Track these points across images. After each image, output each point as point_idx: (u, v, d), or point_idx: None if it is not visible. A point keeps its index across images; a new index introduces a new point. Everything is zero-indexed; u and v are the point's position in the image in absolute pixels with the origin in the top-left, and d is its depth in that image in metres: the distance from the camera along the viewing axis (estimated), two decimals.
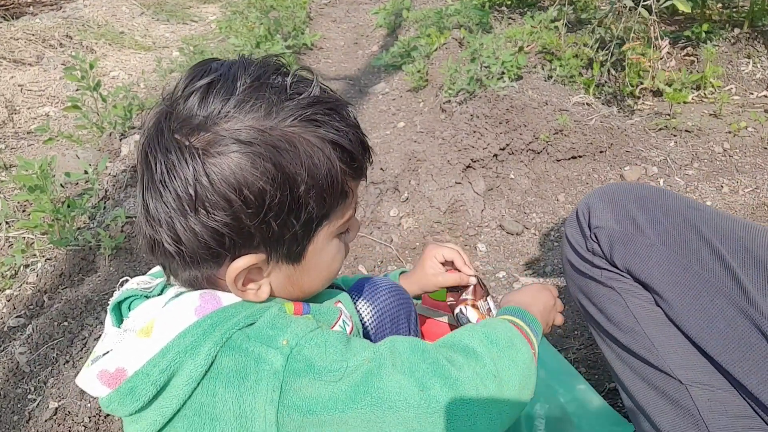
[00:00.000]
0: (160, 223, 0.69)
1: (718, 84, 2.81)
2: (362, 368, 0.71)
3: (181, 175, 0.67)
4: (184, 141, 0.67)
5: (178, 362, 0.68)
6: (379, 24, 4.74)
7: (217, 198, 0.67)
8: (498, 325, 0.87)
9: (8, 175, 2.60)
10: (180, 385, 0.68)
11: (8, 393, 1.43)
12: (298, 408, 0.68)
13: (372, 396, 0.69)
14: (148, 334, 0.70)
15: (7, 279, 1.94)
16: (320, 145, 0.71)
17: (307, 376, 0.69)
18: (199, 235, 0.69)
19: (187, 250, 0.70)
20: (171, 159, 0.67)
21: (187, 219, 0.68)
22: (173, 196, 0.68)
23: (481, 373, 0.75)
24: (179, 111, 0.69)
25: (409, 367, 0.72)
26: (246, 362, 0.69)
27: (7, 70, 3.83)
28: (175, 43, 4.75)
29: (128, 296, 0.81)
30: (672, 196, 1.07)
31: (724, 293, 0.93)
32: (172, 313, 0.72)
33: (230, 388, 0.68)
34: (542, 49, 3.07)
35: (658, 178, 2.31)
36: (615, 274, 1.07)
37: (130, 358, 0.69)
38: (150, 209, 0.70)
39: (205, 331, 0.69)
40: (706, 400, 0.94)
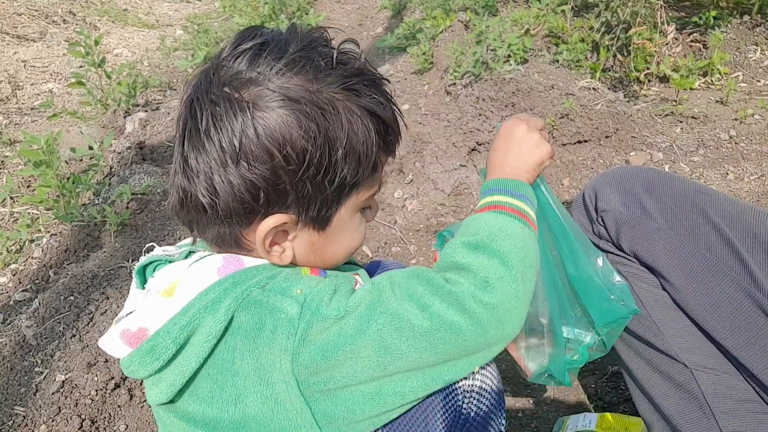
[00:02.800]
0: (197, 174, 0.71)
1: (726, 71, 2.79)
2: (365, 300, 0.74)
3: (227, 126, 0.69)
4: (233, 93, 0.69)
5: (198, 319, 0.70)
6: (383, 5, 4.70)
7: (260, 151, 0.69)
8: (475, 222, 0.83)
9: (12, 150, 2.60)
10: (199, 342, 0.70)
11: (15, 365, 1.44)
12: (313, 353, 0.70)
13: (377, 322, 0.71)
14: (171, 293, 0.72)
15: (12, 254, 1.94)
16: (360, 113, 0.74)
17: (318, 318, 0.71)
18: (236, 187, 0.70)
19: (221, 203, 0.71)
20: (218, 110, 0.69)
21: (226, 171, 0.69)
22: (217, 147, 0.69)
23: (475, 282, 0.74)
24: (228, 68, 0.71)
25: (407, 292, 0.74)
26: (262, 314, 0.71)
27: (10, 45, 3.81)
28: (179, 22, 4.72)
29: (153, 260, 0.83)
30: (680, 180, 1.07)
31: (731, 277, 0.94)
32: (196, 274, 0.74)
33: (248, 341, 0.71)
34: (548, 32, 3.05)
35: (664, 164, 2.31)
36: (621, 258, 1.07)
37: (153, 317, 0.71)
38: (189, 160, 0.71)
39: (226, 289, 0.71)
40: (711, 384, 0.95)
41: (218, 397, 0.72)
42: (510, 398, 1.47)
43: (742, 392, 0.93)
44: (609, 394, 1.45)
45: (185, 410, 0.74)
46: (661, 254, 1.01)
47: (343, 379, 0.71)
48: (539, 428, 1.40)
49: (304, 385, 0.71)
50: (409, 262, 1.97)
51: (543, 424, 1.41)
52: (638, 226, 1.04)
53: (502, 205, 0.86)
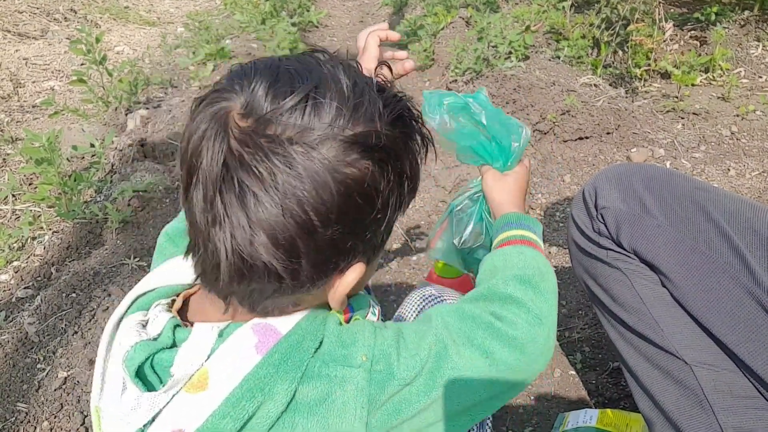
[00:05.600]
0: (278, 241, 0.59)
1: (727, 67, 2.79)
2: (432, 355, 0.72)
3: (312, 172, 0.58)
4: (305, 148, 0.58)
5: (251, 407, 0.62)
6: (384, 2, 4.70)
7: (348, 205, 0.61)
8: (517, 257, 0.87)
9: (14, 148, 2.60)
10: (255, 428, 0.63)
11: (17, 362, 1.44)
12: (386, 416, 0.68)
13: (446, 377, 0.71)
14: (203, 386, 0.63)
15: (14, 251, 1.95)
16: (411, 142, 0.68)
17: (392, 382, 0.69)
18: (322, 248, 0.61)
19: (304, 267, 0.61)
20: (291, 163, 0.58)
21: (315, 234, 0.60)
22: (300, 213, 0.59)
23: (528, 319, 0.78)
24: (288, 124, 0.59)
25: (467, 337, 0.74)
26: (329, 388, 0.66)
27: (11, 43, 3.81)
28: (180, 19, 4.72)
29: (146, 356, 0.67)
30: (679, 176, 1.07)
31: (730, 274, 0.94)
32: (230, 357, 0.64)
33: (313, 417, 0.65)
34: (549, 29, 3.05)
35: (665, 160, 2.31)
36: (621, 255, 1.08)
37: (186, 417, 0.62)
38: (258, 220, 0.58)
39: (277, 367, 0.64)
40: (711, 380, 0.95)
41: None
42: None
43: (742, 388, 0.93)
44: (610, 391, 1.46)
45: None
46: (660, 251, 1.01)
47: (407, 429, 0.71)
48: (540, 424, 1.40)
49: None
50: (410, 259, 1.97)
51: (544, 420, 1.41)
52: (638, 223, 1.04)
53: (531, 241, 0.92)
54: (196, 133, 0.60)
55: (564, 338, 1.62)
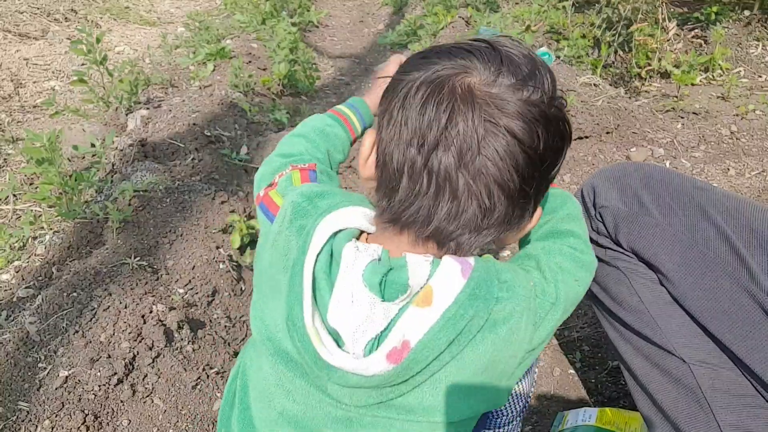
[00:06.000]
0: (511, 184, 0.71)
1: (727, 66, 2.79)
2: (557, 284, 0.83)
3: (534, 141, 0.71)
4: (540, 105, 0.72)
5: (462, 325, 0.71)
6: (385, 2, 4.70)
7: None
8: (561, 197, 0.98)
9: (15, 148, 2.61)
10: (457, 345, 0.72)
11: (19, 361, 1.45)
12: (542, 332, 0.80)
13: (567, 298, 0.83)
14: (429, 302, 0.72)
15: (15, 251, 1.95)
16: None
17: (544, 304, 0.80)
18: (538, 187, 0.75)
19: (531, 206, 0.77)
20: (529, 120, 0.71)
21: (531, 170, 0.73)
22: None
23: (585, 247, 0.91)
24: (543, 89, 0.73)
25: (562, 270, 0.86)
26: (513, 308, 0.75)
27: (12, 43, 3.81)
28: (180, 19, 4.72)
29: (381, 273, 0.75)
30: (678, 176, 1.07)
31: (728, 273, 0.94)
32: (445, 278, 0.73)
33: (499, 332, 0.74)
34: (549, 28, 3.05)
35: (665, 159, 2.31)
36: (619, 254, 1.08)
37: (414, 328, 0.71)
38: (480, 166, 0.70)
39: (481, 289, 0.73)
40: (709, 378, 0.95)
41: (456, 388, 0.75)
42: None
43: (740, 387, 0.94)
44: (609, 389, 1.46)
45: (398, 404, 0.76)
46: (658, 250, 1.01)
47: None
48: (539, 423, 1.41)
49: (523, 358, 0.80)
50: None
51: (543, 419, 1.41)
52: (636, 222, 1.05)
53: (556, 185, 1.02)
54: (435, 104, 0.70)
55: (563, 337, 1.62)
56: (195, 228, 1.93)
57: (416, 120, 0.70)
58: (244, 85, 3.08)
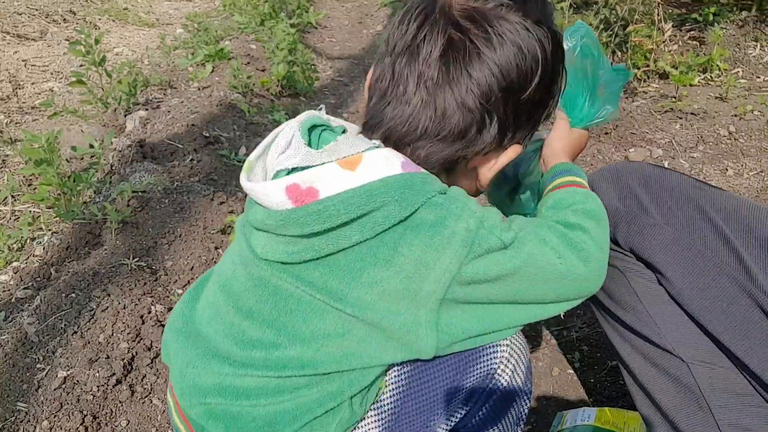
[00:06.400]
0: (488, 97, 0.75)
1: (725, 67, 2.80)
2: (529, 237, 0.81)
3: (509, 40, 0.75)
4: (513, 17, 0.76)
5: (381, 203, 0.71)
6: (383, 3, 4.71)
7: (532, 65, 0.77)
8: (582, 195, 0.95)
9: (13, 149, 2.60)
10: (372, 223, 0.71)
11: (17, 362, 1.44)
12: (477, 267, 0.75)
13: (536, 260, 0.79)
14: (352, 167, 0.72)
15: (14, 251, 1.95)
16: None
17: (493, 239, 0.76)
18: (519, 105, 0.77)
19: (496, 121, 0.78)
20: (498, 29, 0.75)
21: (510, 97, 0.76)
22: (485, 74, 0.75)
23: (595, 244, 0.86)
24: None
25: (544, 239, 0.82)
26: (447, 216, 0.74)
27: (10, 45, 3.81)
28: (179, 20, 4.72)
29: (319, 124, 0.82)
30: (676, 175, 1.07)
31: (727, 272, 0.94)
32: (381, 158, 0.75)
33: (421, 236, 0.73)
34: None
35: (663, 160, 2.31)
36: (618, 253, 1.08)
37: (328, 182, 0.71)
38: (474, 76, 0.74)
39: (414, 184, 0.74)
40: (707, 377, 0.95)
41: (356, 275, 0.73)
42: None
43: (738, 386, 0.94)
44: (608, 389, 1.46)
45: (303, 274, 0.75)
46: (657, 249, 1.01)
47: (483, 296, 0.79)
48: (538, 422, 1.41)
49: (450, 292, 0.75)
50: None
51: (542, 419, 1.41)
52: (634, 221, 1.05)
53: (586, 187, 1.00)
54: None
55: (563, 337, 1.62)
56: (194, 229, 1.93)
57: (395, 33, 0.77)
58: (242, 86, 3.08)
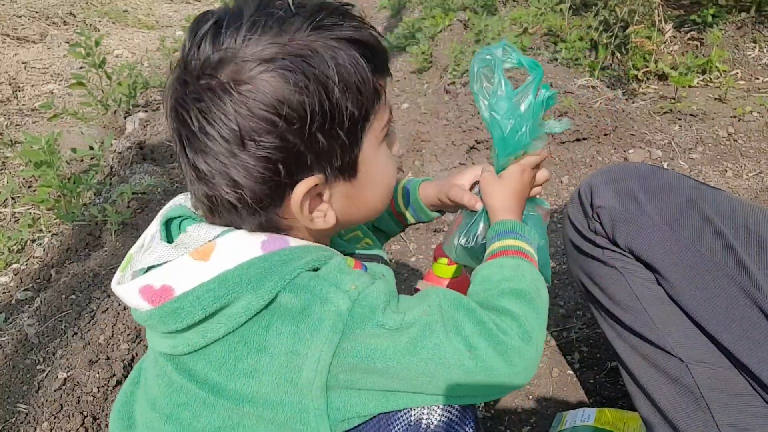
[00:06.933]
0: (213, 176, 0.69)
1: (724, 68, 2.80)
2: (420, 322, 0.73)
3: (219, 114, 0.66)
4: (210, 81, 0.67)
5: (237, 293, 0.68)
6: (382, 5, 4.71)
7: (260, 124, 0.66)
8: (515, 270, 0.85)
9: (13, 151, 2.61)
10: (233, 315, 0.68)
11: (17, 364, 1.45)
12: (356, 353, 0.70)
13: (428, 351, 0.71)
14: (206, 257, 0.69)
15: (14, 253, 1.95)
16: (340, 45, 0.70)
17: (371, 323, 0.70)
18: (253, 170, 0.68)
19: (248, 193, 0.69)
20: (205, 104, 0.67)
21: (238, 158, 0.67)
22: (219, 140, 0.67)
23: (520, 333, 0.77)
24: (195, 60, 0.68)
25: (456, 326, 0.74)
26: (311, 301, 0.70)
27: (10, 47, 3.82)
28: (179, 23, 4.73)
29: (180, 215, 0.80)
30: (675, 176, 1.07)
31: (725, 272, 0.94)
32: (238, 242, 0.71)
33: (289, 323, 0.69)
34: (547, 31, 3.06)
35: (662, 161, 2.31)
36: (617, 254, 1.08)
37: (181, 278, 0.68)
38: (199, 166, 0.69)
39: (272, 266, 0.69)
40: (707, 378, 0.95)
41: (232, 366, 0.70)
42: (509, 394, 1.48)
43: (737, 386, 0.94)
44: (607, 390, 1.46)
45: (189, 366, 0.73)
46: (656, 250, 1.01)
47: (372, 384, 0.72)
48: (538, 423, 1.41)
49: (333, 379, 0.70)
50: (408, 259, 1.98)
51: (542, 420, 1.41)
52: (633, 221, 1.05)
53: (526, 253, 0.89)
54: None
55: (562, 338, 1.62)
56: None
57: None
58: None
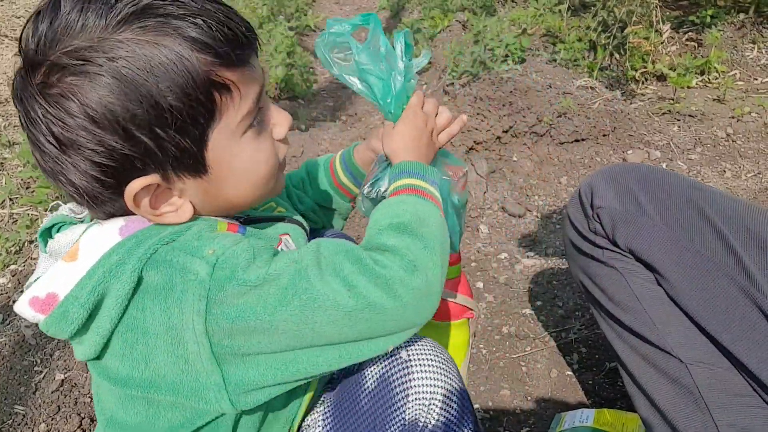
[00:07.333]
0: (55, 173, 0.69)
1: (723, 69, 2.80)
2: (289, 270, 0.70)
3: (37, 119, 0.65)
4: (27, 83, 0.66)
5: (105, 283, 0.67)
6: (382, 6, 4.71)
7: (76, 132, 0.64)
8: (399, 206, 0.82)
9: (11, 152, 2.60)
10: (110, 305, 0.67)
11: (15, 365, 1.44)
12: (227, 316, 0.68)
13: (301, 297, 0.69)
14: (74, 257, 0.69)
15: (11, 255, 1.95)
16: (165, 42, 0.64)
17: (233, 283, 0.68)
18: (83, 172, 0.67)
19: (84, 191, 0.69)
20: (24, 107, 0.67)
21: (68, 160, 0.67)
22: (45, 143, 0.66)
23: (402, 265, 0.73)
24: (25, 52, 0.66)
25: (334, 267, 0.71)
26: (171, 274, 0.68)
27: (9, 48, 3.81)
28: None
29: (57, 222, 0.79)
30: (675, 176, 1.07)
31: (725, 272, 0.94)
32: (97, 235, 0.71)
33: (157, 301, 0.68)
34: (546, 32, 3.06)
35: (661, 162, 2.31)
36: (617, 254, 1.08)
37: (60, 282, 0.69)
38: (41, 163, 0.70)
39: (128, 250, 0.68)
40: (706, 378, 0.95)
41: (129, 355, 0.70)
42: (508, 395, 1.47)
43: (737, 386, 0.94)
44: (606, 391, 1.46)
45: (105, 366, 0.73)
46: (655, 249, 1.01)
47: (258, 346, 0.70)
48: (537, 425, 1.41)
49: (218, 347, 0.69)
50: None
51: (540, 421, 1.41)
52: (633, 222, 1.05)
53: (419, 189, 0.86)
54: None
55: (561, 339, 1.62)
56: None
57: None
58: None
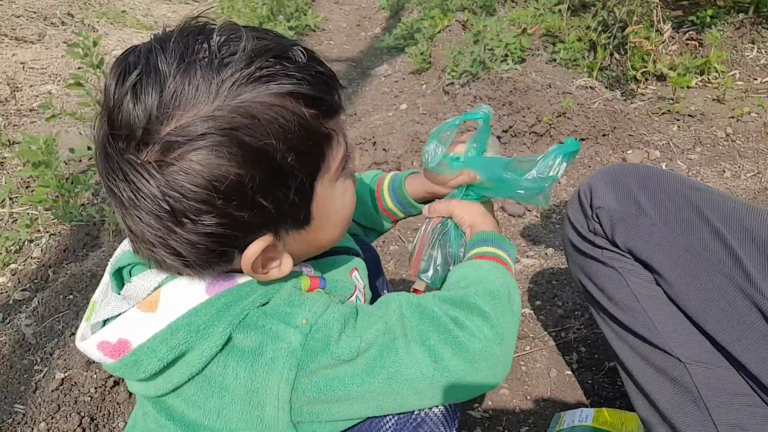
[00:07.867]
0: (153, 244, 0.64)
1: (722, 69, 2.80)
2: (377, 342, 0.72)
3: (148, 195, 0.60)
4: (135, 160, 0.60)
5: (189, 342, 0.66)
6: (381, 6, 4.72)
7: (195, 204, 0.60)
8: (492, 272, 0.84)
9: (12, 151, 2.60)
10: (191, 361, 0.67)
11: (15, 364, 1.44)
12: (315, 386, 0.69)
13: (388, 370, 0.70)
14: (153, 308, 0.68)
15: (11, 254, 1.95)
16: (279, 102, 0.62)
17: (326, 355, 0.69)
18: (196, 244, 0.63)
19: (192, 260, 0.65)
20: (132, 182, 0.60)
21: (177, 233, 0.62)
22: (152, 218, 0.61)
23: (489, 335, 0.75)
24: (118, 126, 0.60)
25: (420, 337, 0.73)
26: (263, 340, 0.68)
27: (8, 47, 3.81)
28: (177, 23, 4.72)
29: (129, 263, 0.76)
30: (674, 176, 1.07)
31: (724, 273, 0.94)
32: (181, 288, 0.69)
33: (244, 363, 0.68)
34: (546, 31, 3.06)
35: (661, 162, 2.32)
36: (616, 254, 1.08)
37: (134, 330, 0.67)
38: (137, 233, 0.64)
39: (219, 311, 0.68)
40: (705, 378, 0.95)
41: (202, 404, 0.70)
42: (507, 395, 1.48)
43: (736, 386, 0.94)
44: (605, 390, 1.46)
45: (168, 404, 0.73)
46: (655, 250, 1.01)
47: (338, 414, 0.71)
48: (536, 424, 1.41)
49: (296, 413, 0.70)
50: (406, 261, 1.97)
51: (540, 420, 1.41)
52: (632, 222, 1.05)
53: (504, 261, 0.89)
54: None
55: (560, 338, 1.62)
56: None
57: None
58: None
